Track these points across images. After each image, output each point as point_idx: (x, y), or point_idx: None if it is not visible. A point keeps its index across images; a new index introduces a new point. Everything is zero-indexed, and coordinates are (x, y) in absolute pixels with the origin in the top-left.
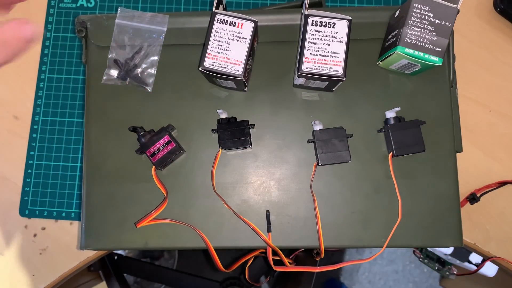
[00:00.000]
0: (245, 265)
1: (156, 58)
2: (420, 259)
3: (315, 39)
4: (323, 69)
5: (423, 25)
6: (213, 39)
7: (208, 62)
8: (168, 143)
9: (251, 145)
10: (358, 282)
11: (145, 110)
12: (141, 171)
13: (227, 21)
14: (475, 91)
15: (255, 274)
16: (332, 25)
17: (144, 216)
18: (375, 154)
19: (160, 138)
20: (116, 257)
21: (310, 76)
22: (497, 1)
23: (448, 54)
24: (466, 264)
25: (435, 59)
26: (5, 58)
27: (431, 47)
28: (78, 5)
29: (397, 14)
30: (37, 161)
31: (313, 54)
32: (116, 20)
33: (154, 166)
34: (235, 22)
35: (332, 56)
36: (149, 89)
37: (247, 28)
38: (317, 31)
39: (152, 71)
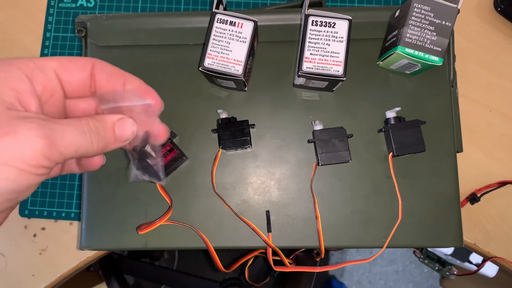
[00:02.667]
0: (245, 265)
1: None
2: (420, 259)
3: (315, 39)
4: (323, 69)
5: (424, 25)
6: (213, 39)
7: (208, 62)
8: (170, 150)
9: (251, 145)
10: (358, 282)
11: None
12: None
13: (227, 21)
14: (475, 91)
15: (255, 275)
16: (332, 25)
17: (148, 223)
18: (375, 154)
19: (162, 145)
20: (116, 257)
21: (310, 76)
22: (497, 1)
23: (448, 54)
24: (467, 264)
25: (436, 59)
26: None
27: (432, 47)
28: (78, 5)
29: (397, 14)
30: None
31: (313, 54)
32: None
33: None
34: (235, 22)
35: (332, 56)
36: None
37: (247, 28)
38: (317, 31)
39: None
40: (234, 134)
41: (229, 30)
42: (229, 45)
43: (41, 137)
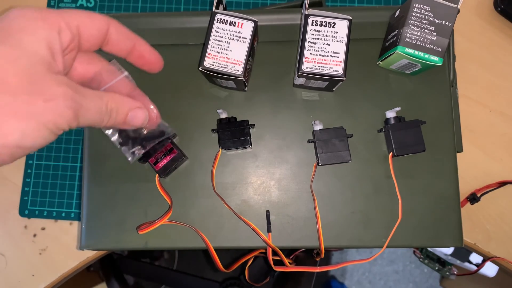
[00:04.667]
0: (245, 265)
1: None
2: (420, 259)
3: (315, 39)
4: (323, 69)
5: (423, 25)
6: (213, 39)
7: (208, 62)
8: (170, 150)
9: (251, 145)
10: (358, 282)
11: None
12: (141, 171)
13: (227, 21)
14: (475, 91)
15: (255, 274)
16: (332, 25)
17: (148, 223)
18: (375, 154)
19: (162, 145)
20: (116, 257)
21: (310, 76)
22: (497, 1)
23: (448, 54)
24: (467, 264)
25: (436, 59)
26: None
27: (432, 47)
28: (78, 5)
29: (397, 13)
30: (37, 161)
31: (313, 54)
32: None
33: (157, 175)
34: (235, 22)
35: (332, 56)
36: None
37: (247, 28)
38: (317, 30)
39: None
40: (234, 134)
41: (229, 30)
42: (229, 45)
43: (70, 109)
